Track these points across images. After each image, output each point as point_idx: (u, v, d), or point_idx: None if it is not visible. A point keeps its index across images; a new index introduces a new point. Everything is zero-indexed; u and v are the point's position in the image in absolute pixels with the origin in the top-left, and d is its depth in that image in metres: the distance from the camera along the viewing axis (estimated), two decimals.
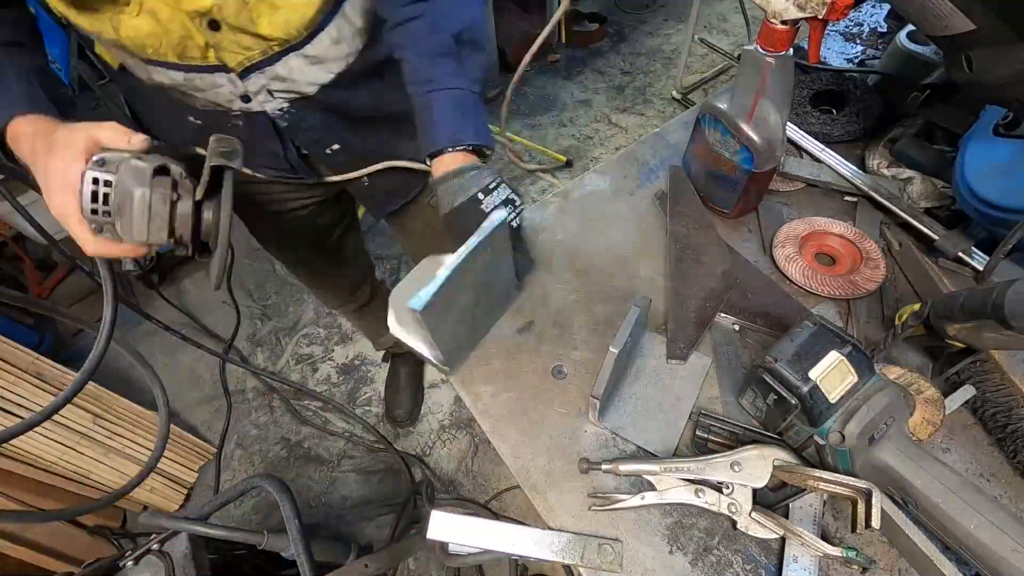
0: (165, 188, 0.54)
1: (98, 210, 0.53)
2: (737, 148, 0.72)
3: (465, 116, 0.68)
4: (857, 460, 0.53)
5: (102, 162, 0.53)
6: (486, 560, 0.68)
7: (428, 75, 0.68)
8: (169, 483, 1.63)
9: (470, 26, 0.69)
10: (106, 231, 0.55)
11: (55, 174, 0.54)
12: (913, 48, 0.88)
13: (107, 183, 0.53)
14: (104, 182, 0.53)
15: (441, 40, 0.68)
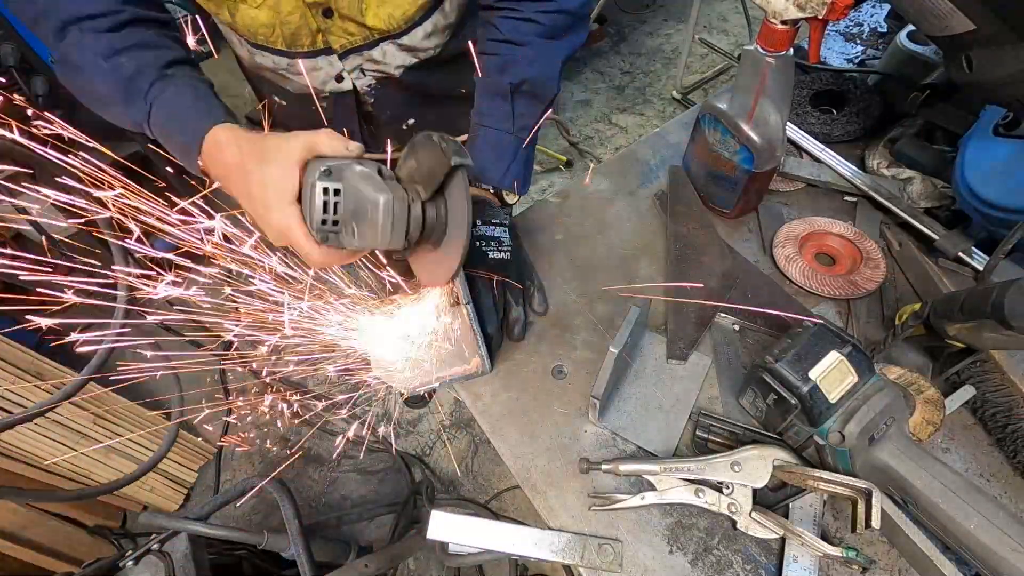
0: (402, 194, 0.53)
1: (327, 220, 0.52)
2: (737, 148, 0.72)
3: (499, 159, 0.73)
4: (857, 460, 0.53)
5: (329, 172, 0.52)
6: (486, 560, 0.68)
7: (481, 108, 0.74)
8: (169, 483, 1.63)
9: (535, 80, 0.72)
10: (331, 240, 0.54)
11: (273, 186, 0.52)
12: (913, 48, 0.88)
13: (336, 191, 0.52)
14: (334, 191, 0.51)
15: (500, 82, 0.71)
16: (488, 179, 0.72)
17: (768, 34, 0.62)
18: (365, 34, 0.74)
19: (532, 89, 0.72)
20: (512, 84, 0.71)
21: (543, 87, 0.73)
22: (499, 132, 0.73)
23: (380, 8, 0.71)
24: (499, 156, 0.73)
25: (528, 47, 0.71)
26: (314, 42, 0.73)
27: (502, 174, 0.73)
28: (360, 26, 0.73)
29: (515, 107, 0.73)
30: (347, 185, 0.52)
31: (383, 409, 1.90)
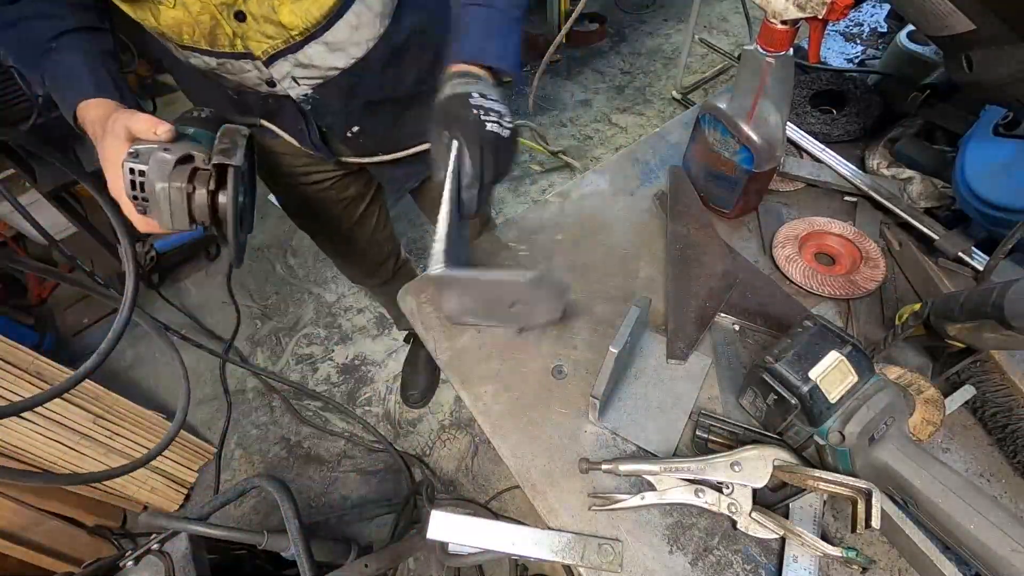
0: (182, 181, 0.59)
1: (137, 196, 0.59)
2: (737, 148, 0.72)
3: (491, 36, 0.68)
4: (857, 460, 0.53)
5: (136, 154, 0.59)
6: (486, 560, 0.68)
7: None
8: (169, 483, 1.63)
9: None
10: (150, 213, 0.61)
11: (108, 156, 0.61)
12: (913, 48, 0.88)
13: (141, 172, 0.58)
14: (139, 172, 0.58)
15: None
16: (485, 59, 0.67)
17: (768, 34, 0.62)
18: (285, 36, 0.72)
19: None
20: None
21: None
22: (489, 9, 0.69)
23: (295, 5, 0.69)
24: (491, 34, 0.69)
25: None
26: (233, 45, 0.72)
27: (500, 53, 0.68)
28: (277, 26, 0.70)
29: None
30: (149, 168, 0.59)
31: (383, 409, 1.91)
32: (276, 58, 0.74)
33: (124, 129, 0.61)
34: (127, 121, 0.62)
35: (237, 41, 0.71)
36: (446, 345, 0.74)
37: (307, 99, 0.81)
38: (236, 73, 0.76)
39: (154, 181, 0.58)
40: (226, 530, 0.75)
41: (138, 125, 0.61)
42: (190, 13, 0.66)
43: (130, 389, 1.59)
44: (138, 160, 0.58)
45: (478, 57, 0.67)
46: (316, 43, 0.74)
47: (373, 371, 1.94)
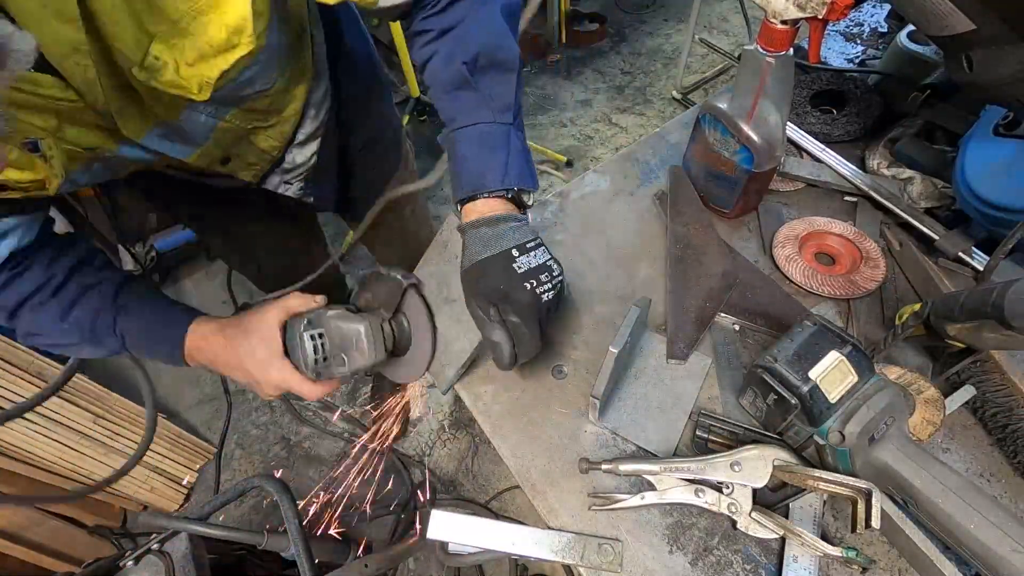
0: (373, 318, 0.66)
1: (319, 359, 0.63)
2: (737, 148, 0.72)
3: (493, 153, 0.61)
4: (857, 460, 0.53)
5: (310, 322, 0.64)
6: (486, 560, 0.68)
7: (448, 114, 0.64)
8: (169, 483, 1.63)
9: (488, 48, 0.61)
10: (323, 374, 0.65)
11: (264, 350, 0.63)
12: (913, 48, 0.88)
13: (320, 335, 0.63)
14: (319, 335, 0.63)
15: (454, 73, 0.61)
16: (489, 184, 0.60)
17: (768, 34, 0.62)
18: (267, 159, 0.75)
19: (490, 60, 0.61)
20: (467, 64, 0.60)
21: (501, 51, 0.62)
22: (478, 126, 0.61)
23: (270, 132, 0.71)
24: (490, 152, 0.61)
25: (464, 23, 0.61)
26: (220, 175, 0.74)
27: (503, 173, 0.60)
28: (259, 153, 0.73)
29: (481, 89, 0.61)
30: (328, 327, 0.64)
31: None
32: (265, 177, 0.78)
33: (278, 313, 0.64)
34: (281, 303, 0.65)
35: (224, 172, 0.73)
36: None
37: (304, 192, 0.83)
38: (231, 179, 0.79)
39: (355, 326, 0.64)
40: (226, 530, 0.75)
41: (295, 302, 0.66)
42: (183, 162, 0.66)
43: (130, 389, 1.59)
44: (313, 326, 0.64)
45: (482, 185, 0.60)
46: (293, 147, 0.77)
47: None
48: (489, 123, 0.62)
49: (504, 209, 0.60)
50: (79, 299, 0.63)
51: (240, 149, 0.71)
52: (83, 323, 0.64)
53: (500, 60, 0.62)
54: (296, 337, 0.63)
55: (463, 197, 0.61)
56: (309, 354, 0.63)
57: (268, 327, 0.64)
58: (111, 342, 0.66)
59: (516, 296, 0.56)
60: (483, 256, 0.58)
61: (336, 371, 0.65)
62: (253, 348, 0.64)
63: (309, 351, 0.63)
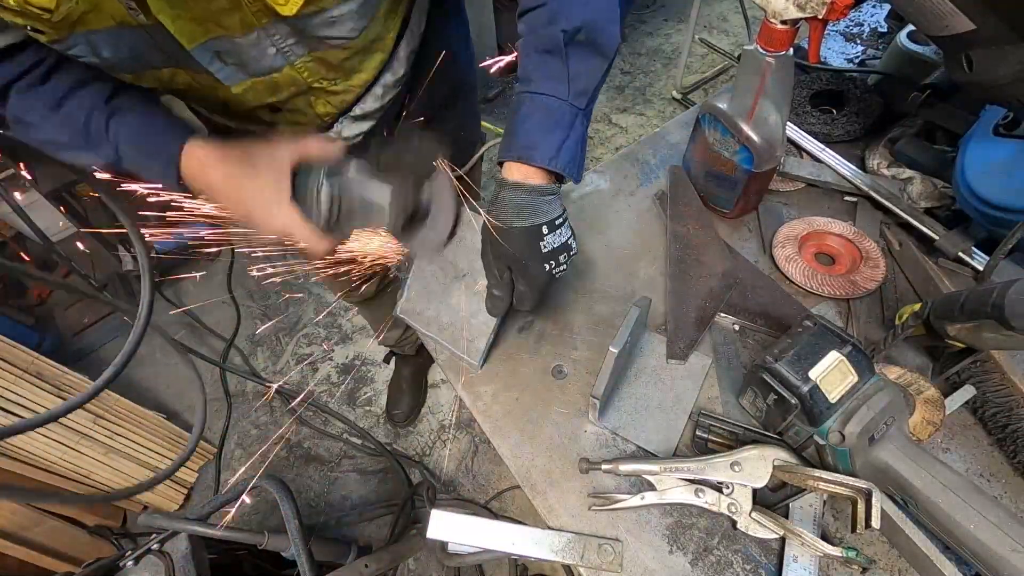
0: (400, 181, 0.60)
1: (334, 213, 0.58)
2: (737, 148, 0.72)
3: (551, 131, 0.59)
4: (857, 460, 0.53)
5: (331, 172, 0.58)
6: (486, 560, 0.68)
7: (526, 73, 0.61)
8: (169, 483, 1.63)
9: (593, 25, 0.58)
10: (335, 230, 0.59)
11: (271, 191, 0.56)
12: (913, 48, 0.88)
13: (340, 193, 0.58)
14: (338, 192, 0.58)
15: (550, 35, 0.58)
16: (537, 157, 0.58)
17: (768, 34, 0.62)
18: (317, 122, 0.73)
19: (590, 37, 0.59)
20: (566, 33, 0.57)
21: (604, 34, 0.59)
22: (550, 98, 0.59)
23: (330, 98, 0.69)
24: (551, 127, 0.59)
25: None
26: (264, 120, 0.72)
27: (555, 150, 0.58)
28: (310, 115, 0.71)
29: (570, 64, 0.59)
30: (349, 187, 0.58)
31: (383, 409, 1.91)
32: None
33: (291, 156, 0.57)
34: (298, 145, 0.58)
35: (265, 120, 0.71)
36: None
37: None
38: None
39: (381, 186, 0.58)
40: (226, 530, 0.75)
41: (315, 144, 0.59)
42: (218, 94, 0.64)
43: (130, 389, 1.59)
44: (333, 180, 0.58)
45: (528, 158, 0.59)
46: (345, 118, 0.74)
47: (373, 371, 1.94)
48: (562, 100, 0.59)
49: (544, 180, 0.60)
50: (72, 92, 0.58)
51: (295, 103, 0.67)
52: (76, 119, 0.59)
53: (599, 42, 0.60)
54: (311, 189, 0.57)
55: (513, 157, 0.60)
56: (323, 211, 0.57)
57: (279, 167, 0.57)
58: (105, 148, 0.60)
59: (534, 271, 0.60)
60: (515, 225, 0.59)
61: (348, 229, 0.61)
62: (260, 188, 0.57)
63: (324, 208, 0.57)
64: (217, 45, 0.56)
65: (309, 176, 0.58)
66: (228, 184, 0.58)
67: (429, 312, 0.72)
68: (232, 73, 0.60)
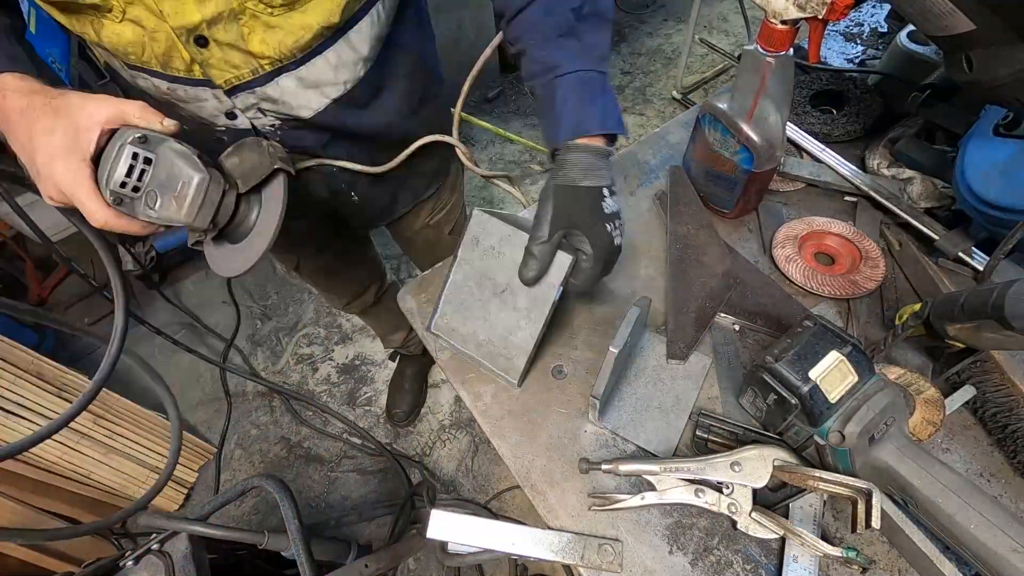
0: (219, 179, 0.56)
1: (128, 184, 0.51)
2: (737, 148, 0.72)
3: (592, 102, 0.63)
4: (857, 460, 0.53)
5: (145, 139, 0.52)
6: (486, 560, 0.68)
7: (550, 61, 0.64)
8: (169, 483, 1.63)
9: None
10: (124, 206, 0.53)
11: (63, 138, 0.50)
12: (913, 48, 0.88)
13: (147, 160, 0.52)
14: (144, 159, 0.51)
15: (560, 20, 0.63)
16: (588, 129, 0.62)
17: (768, 34, 0.62)
18: (253, 65, 0.64)
19: (593, 9, 0.64)
20: (575, 11, 0.62)
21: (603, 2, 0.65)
22: (579, 73, 0.63)
23: (267, 34, 0.61)
24: (592, 99, 0.63)
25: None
26: (190, 71, 0.63)
27: (601, 118, 0.63)
28: (245, 55, 0.62)
29: (585, 39, 0.64)
30: (161, 157, 0.53)
31: (383, 410, 1.91)
32: (239, 90, 0.66)
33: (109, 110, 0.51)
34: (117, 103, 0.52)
35: (195, 67, 0.62)
36: (446, 345, 0.74)
37: (274, 131, 0.72)
38: (190, 101, 0.67)
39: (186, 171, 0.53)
40: (226, 530, 0.75)
41: (135, 110, 0.53)
42: (144, 30, 0.58)
43: (130, 389, 1.59)
44: (146, 147, 0.52)
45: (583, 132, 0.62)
46: (288, 76, 0.67)
47: (373, 371, 1.94)
48: (588, 71, 0.64)
49: (603, 143, 0.63)
50: None
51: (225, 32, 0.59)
52: None
53: (600, 10, 0.65)
54: (116, 147, 0.51)
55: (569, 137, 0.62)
56: (119, 173, 0.51)
57: (88, 116, 0.51)
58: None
59: (597, 231, 0.60)
60: (581, 183, 0.60)
61: (140, 211, 0.54)
62: (53, 130, 0.50)
63: (121, 169, 0.51)
64: None
65: (121, 136, 0.52)
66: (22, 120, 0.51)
67: (465, 329, 0.69)
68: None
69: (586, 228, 0.59)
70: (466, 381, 0.71)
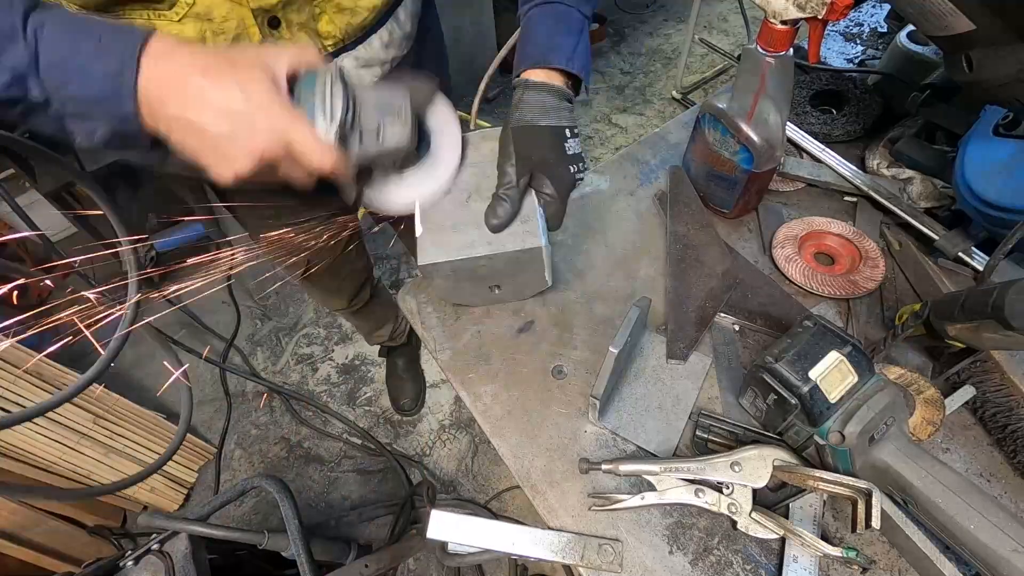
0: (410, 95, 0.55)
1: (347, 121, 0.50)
2: (737, 148, 0.72)
3: (567, 34, 0.62)
4: (857, 460, 0.53)
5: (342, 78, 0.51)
6: (486, 560, 0.68)
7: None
8: (169, 483, 1.63)
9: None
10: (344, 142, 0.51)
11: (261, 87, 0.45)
12: (913, 48, 0.88)
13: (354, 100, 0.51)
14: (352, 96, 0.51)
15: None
16: (556, 59, 0.61)
17: (768, 34, 0.62)
18: (317, 45, 0.65)
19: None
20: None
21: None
22: (558, 5, 0.62)
23: (336, 15, 0.63)
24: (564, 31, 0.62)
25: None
26: None
27: (570, 53, 0.61)
28: (312, 35, 0.64)
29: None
30: (361, 91, 0.52)
31: (382, 409, 1.91)
32: None
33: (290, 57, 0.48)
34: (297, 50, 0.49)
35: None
36: (446, 345, 0.74)
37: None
38: None
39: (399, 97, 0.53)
40: (226, 530, 0.75)
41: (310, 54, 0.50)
42: (211, 21, 0.57)
43: (130, 389, 1.59)
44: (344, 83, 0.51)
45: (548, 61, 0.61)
46: (347, 56, 0.69)
47: (373, 371, 1.94)
48: (569, 6, 0.62)
49: (564, 84, 0.62)
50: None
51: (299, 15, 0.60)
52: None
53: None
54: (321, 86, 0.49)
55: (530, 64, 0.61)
56: (339, 106, 0.49)
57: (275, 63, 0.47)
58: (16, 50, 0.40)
59: (560, 172, 0.59)
60: (541, 123, 0.59)
61: (363, 146, 0.53)
62: (252, 79, 0.45)
63: (339, 102, 0.49)
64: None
65: (315, 77, 0.49)
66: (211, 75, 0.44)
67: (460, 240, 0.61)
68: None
69: (548, 169, 0.58)
70: (466, 381, 0.71)
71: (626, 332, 0.57)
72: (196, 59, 0.45)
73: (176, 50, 0.45)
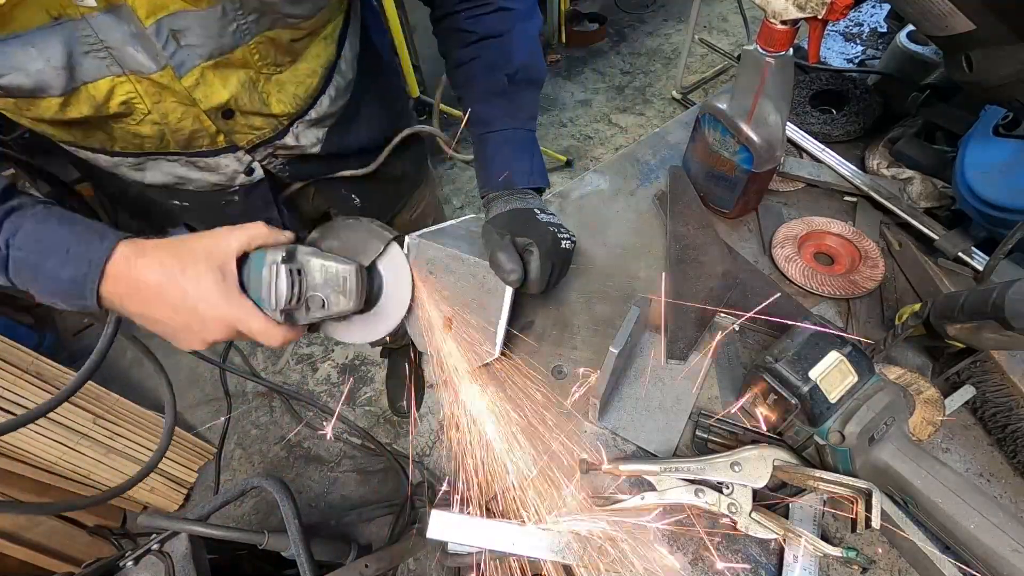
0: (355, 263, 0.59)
1: (293, 298, 0.55)
2: (737, 148, 0.72)
3: (518, 159, 0.71)
4: (857, 460, 0.53)
5: (288, 256, 0.55)
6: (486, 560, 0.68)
7: (483, 116, 0.71)
8: (169, 483, 1.63)
9: (527, 65, 0.71)
10: (292, 318, 0.57)
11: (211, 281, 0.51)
12: (913, 48, 0.88)
13: (299, 271, 0.55)
14: (297, 271, 0.55)
15: (494, 81, 0.70)
16: (518, 181, 0.70)
17: (768, 34, 0.62)
18: (273, 124, 0.69)
19: (527, 75, 0.72)
20: (509, 76, 0.70)
21: (535, 69, 0.73)
22: (510, 131, 0.71)
23: (282, 92, 0.66)
24: (519, 155, 0.71)
25: (509, 34, 0.69)
26: (214, 143, 0.67)
27: (529, 172, 0.71)
28: (267, 117, 0.67)
29: (515, 100, 0.71)
30: (308, 265, 0.57)
31: (382, 409, 1.91)
32: (259, 146, 0.71)
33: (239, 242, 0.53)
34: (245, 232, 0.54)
35: (220, 138, 0.66)
36: None
37: (283, 168, 0.77)
38: (211, 169, 0.71)
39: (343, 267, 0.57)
40: (226, 530, 0.75)
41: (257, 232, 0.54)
42: (166, 124, 0.60)
43: (130, 389, 1.59)
44: (292, 262, 0.55)
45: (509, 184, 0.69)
46: (301, 123, 0.72)
47: (373, 371, 1.94)
48: (517, 129, 0.71)
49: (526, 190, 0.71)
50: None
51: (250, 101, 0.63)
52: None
53: (534, 77, 0.73)
54: (267, 270, 0.53)
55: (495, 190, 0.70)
56: (283, 291, 0.53)
57: (223, 252, 0.52)
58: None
59: (539, 231, 0.63)
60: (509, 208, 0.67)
61: (309, 316, 0.57)
62: (199, 276, 0.50)
63: (283, 288, 0.53)
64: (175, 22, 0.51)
65: (263, 258, 0.54)
66: (163, 278, 0.50)
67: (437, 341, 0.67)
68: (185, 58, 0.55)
69: (528, 230, 0.63)
70: (466, 382, 0.71)
71: (626, 332, 0.57)
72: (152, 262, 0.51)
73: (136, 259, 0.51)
